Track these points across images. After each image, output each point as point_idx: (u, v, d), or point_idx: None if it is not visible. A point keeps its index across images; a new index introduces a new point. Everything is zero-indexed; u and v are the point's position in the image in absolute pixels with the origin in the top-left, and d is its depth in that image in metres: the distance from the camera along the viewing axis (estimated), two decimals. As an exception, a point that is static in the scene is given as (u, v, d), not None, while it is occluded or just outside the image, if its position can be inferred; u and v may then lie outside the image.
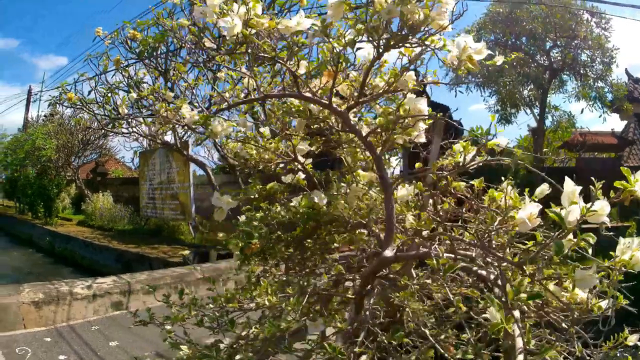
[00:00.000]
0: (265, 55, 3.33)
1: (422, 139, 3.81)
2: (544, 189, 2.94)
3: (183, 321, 3.97)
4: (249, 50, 3.33)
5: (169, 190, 26.11)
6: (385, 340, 3.18)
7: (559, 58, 33.59)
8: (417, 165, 3.86)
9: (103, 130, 27.01)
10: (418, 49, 3.15)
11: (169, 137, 24.99)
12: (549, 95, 36.13)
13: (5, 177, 48.42)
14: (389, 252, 3.40)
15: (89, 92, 17.14)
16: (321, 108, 3.82)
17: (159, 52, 16.50)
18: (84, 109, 18.51)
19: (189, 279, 12.20)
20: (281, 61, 3.38)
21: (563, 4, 30.60)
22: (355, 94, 3.55)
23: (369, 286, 3.71)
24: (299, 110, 3.92)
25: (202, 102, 19.44)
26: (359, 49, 3.27)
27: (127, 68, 16.94)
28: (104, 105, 17.93)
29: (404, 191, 3.80)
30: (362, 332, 3.19)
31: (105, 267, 22.64)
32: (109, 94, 17.68)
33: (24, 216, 40.50)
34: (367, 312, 3.46)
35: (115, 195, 35.63)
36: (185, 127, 16.46)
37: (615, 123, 42.87)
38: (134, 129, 21.42)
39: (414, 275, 3.75)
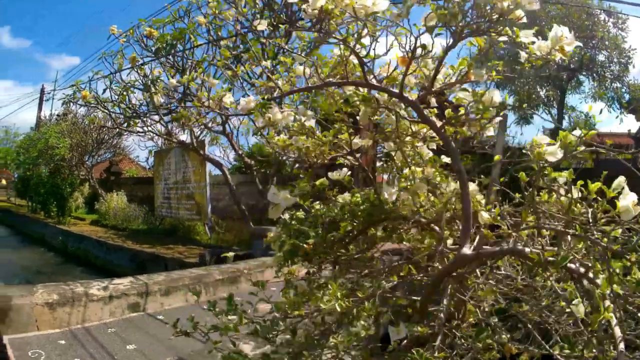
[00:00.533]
0: (337, 37, 3.28)
1: (491, 132, 3.61)
2: (621, 181, 2.92)
3: (236, 331, 3.73)
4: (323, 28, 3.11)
5: (185, 190, 25.95)
6: (464, 343, 3.21)
7: (576, 58, 33.25)
8: (496, 158, 3.94)
9: (118, 129, 26.87)
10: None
11: (184, 137, 24.81)
12: (566, 96, 35.98)
13: (17, 176, 48.64)
14: (467, 250, 3.28)
15: (104, 91, 17.24)
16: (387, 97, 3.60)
17: (176, 50, 16.19)
18: (98, 107, 18.33)
19: (208, 280, 11.83)
20: (348, 44, 3.29)
21: (580, 4, 30.32)
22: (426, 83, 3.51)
23: (441, 286, 3.59)
24: (365, 98, 3.80)
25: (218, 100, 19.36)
26: (438, 34, 3.14)
27: (142, 66, 16.85)
28: (119, 103, 17.72)
29: (473, 186, 3.68)
30: (439, 335, 3.13)
31: (120, 267, 22.49)
32: (125, 93, 17.49)
33: (37, 215, 40.39)
34: (442, 314, 3.36)
35: (129, 195, 35.47)
36: (202, 126, 16.28)
37: (631, 124, 42.73)
38: (149, 128, 21.25)
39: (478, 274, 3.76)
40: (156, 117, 19.79)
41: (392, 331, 3.15)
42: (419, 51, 3.17)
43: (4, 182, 71.91)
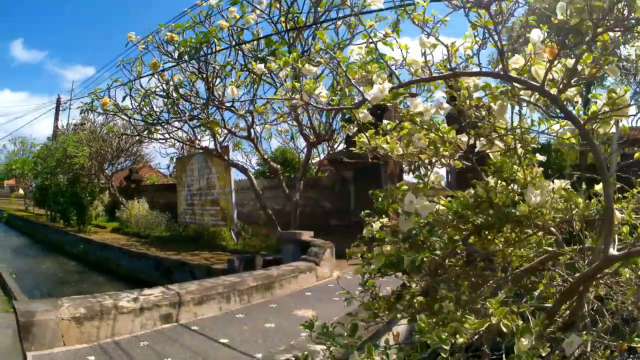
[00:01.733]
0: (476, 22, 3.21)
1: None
2: None
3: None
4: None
5: (209, 196, 25.65)
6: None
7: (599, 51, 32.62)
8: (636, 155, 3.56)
9: (138, 137, 26.62)
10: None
11: (206, 142, 24.46)
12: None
13: (35, 186, 48.40)
14: (613, 251, 3.03)
15: (124, 98, 17.07)
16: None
17: (200, 54, 15.80)
18: (118, 115, 17.98)
19: (241, 288, 11.35)
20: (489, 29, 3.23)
21: (604, -5, 29.71)
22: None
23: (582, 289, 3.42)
24: (510, 92, 3.47)
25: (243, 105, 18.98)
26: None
27: (163, 72, 16.90)
28: (140, 110, 17.35)
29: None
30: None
31: (143, 274, 22.10)
32: (146, 99, 17.11)
33: (56, 224, 39.99)
34: (588, 320, 3.30)
35: (150, 202, 35.20)
36: (227, 132, 15.76)
37: (652, 119, 42.25)
38: (171, 135, 20.89)
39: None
40: (177, 124, 19.52)
41: (566, 344, 2.90)
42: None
43: (21, 191, 72.22)
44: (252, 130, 19.88)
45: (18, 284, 15.99)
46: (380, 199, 4.25)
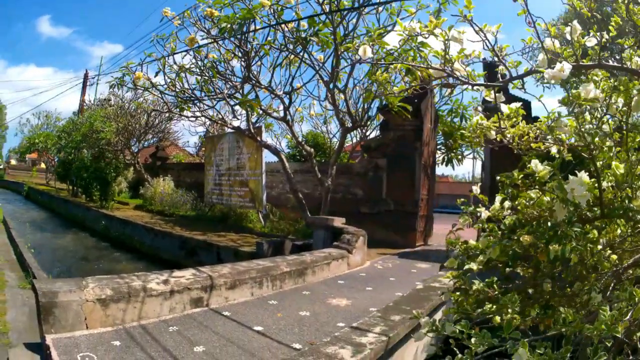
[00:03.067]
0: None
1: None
2: None
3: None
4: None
5: (238, 177, 25.39)
6: None
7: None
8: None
9: (168, 114, 26.36)
10: None
11: (237, 122, 24.11)
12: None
13: (58, 160, 48.39)
14: None
15: (156, 74, 16.99)
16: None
17: (244, 31, 15.41)
18: (149, 90, 17.70)
19: (275, 273, 10.97)
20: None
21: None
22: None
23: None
24: None
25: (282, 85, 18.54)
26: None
27: (199, 49, 16.81)
28: (172, 87, 17.09)
29: None
30: None
31: (167, 253, 21.85)
32: (181, 75, 16.86)
33: (78, 199, 40.12)
34: None
35: (176, 180, 35.14)
36: (263, 112, 15.36)
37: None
38: (203, 113, 20.55)
39: None
40: (209, 102, 19.20)
41: None
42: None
43: (43, 165, 72.50)
44: (287, 112, 19.43)
45: (36, 259, 15.60)
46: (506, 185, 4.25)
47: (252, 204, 24.92)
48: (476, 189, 5.24)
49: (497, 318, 3.74)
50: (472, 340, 3.37)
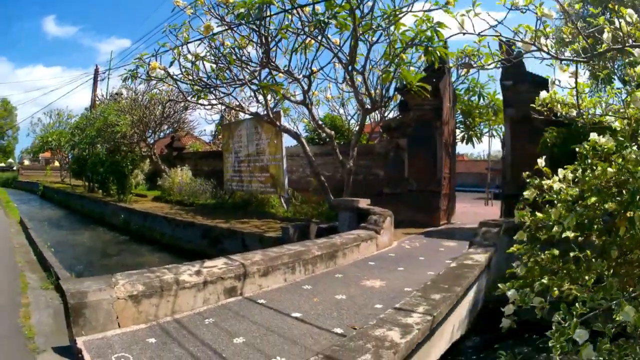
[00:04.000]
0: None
1: None
2: None
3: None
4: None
5: (258, 162, 25.32)
6: None
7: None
8: None
9: (184, 103, 26.34)
10: None
11: (253, 109, 24.00)
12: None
13: (72, 157, 48.62)
14: None
15: (171, 63, 16.86)
16: None
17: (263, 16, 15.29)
18: (164, 81, 17.64)
19: (306, 257, 10.77)
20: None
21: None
22: None
23: None
24: None
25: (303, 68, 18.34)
26: None
27: (214, 37, 16.80)
28: (187, 75, 16.99)
29: None
30: None
31: (189, 244, 21.80)
32: (197, 63, 17.25)
33: (94, 194, 40.19)
34: None
35: (193, 170, 35.07)
36: (282, 97, 15.29)
37: None
38: (220, 100, 20.42)
39: None
40: (225, 89, 19.08)
41: None
42: None
43: (57, 163, 72.82)
44: (307, 96, 19.25)
45: (57, 258, 15.46)
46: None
47: (273, 189, 24.88)
48: (541, 162, 5.21)
49: (556, 291, 4.10)
50: (578, 302, 3.47)
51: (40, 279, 13.56)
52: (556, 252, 4.34)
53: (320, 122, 21.02)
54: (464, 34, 4.29)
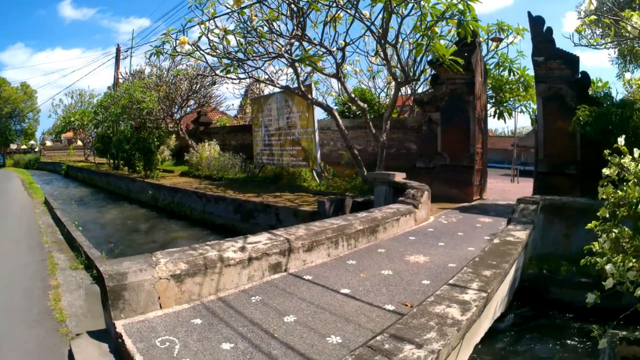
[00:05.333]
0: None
1: None
2: None
3: None
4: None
5: (289, 136, 25.13)
6: None
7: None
8: None
9: (213, 77, 26.21)
10: None
11: (281, 82, 23.82)
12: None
13: (96, 135, 48.92)
14: None
15: (199, 38, 16.71)
16: None
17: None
18: (192, 55, 17.55)
19: (349, 232, 10.57)
20: None
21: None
22: None
23: None
24: None
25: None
26: None
27: (243, 10, 16.52)
28: (215, 49, 16.83)
29: None
30: None
31: (221, 219, 21.79)
32: (227, 37, 17.21)
33: (120, 171, 40.30)
34: None
35: (221, 144, 34.97)
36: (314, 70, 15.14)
37: None
38: (249, 74, 20.27)
39: None
40: (251, 63, 18.96)
41: None
42: None
43: (80, 143, 73.27)
44: (339, 69, 19.06)
45: (85, 237, 15.35)
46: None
47: (305, 163, 24.74)
48: (621, 141, 4.92)
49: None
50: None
51: (69, 259, 13.43)
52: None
53: (353, 95, 20.80)
54: None
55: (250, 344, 5.51)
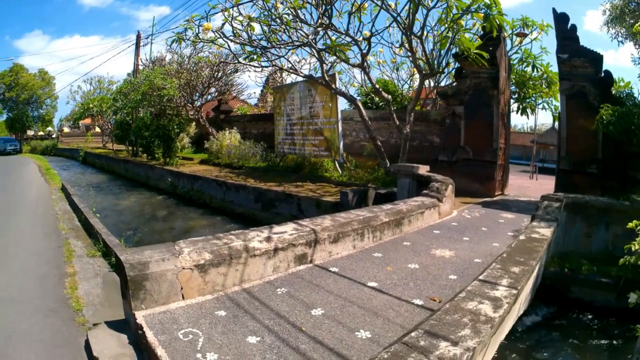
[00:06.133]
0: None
1: None
2: None
3: None
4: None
5: (312, 126, 24.98)
6: None
7: None
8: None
9: (234, 65, 26.17)
10: None
11: (306, 70, 23.71)
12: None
13: (114, 122, 49.25)
14: None
15: (223, 25, 16.67)
16: None
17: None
18: (215, 42, 17.46)
19: (375, 224, 10.45)
20: None
21: None
22: None
23: None
24: None
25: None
26: None
27: None
28: (244, 36, 16.79)
29: None
30: None
31: (241, 208, 21.72)
32: (252, 24, 17.06)
33: (139, 158, 40.47)
34: None
35: (242, 133, 34.94)
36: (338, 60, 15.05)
37: None
38: (273, 62, 20.19)
39: None
40: (274, 51, 18.90)
41: None
42: None
43: (98, 129, 73.67)
44: (365, 59, 18.96)
45: (103, 223, 15.31)
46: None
47: (327, 153, 24.62)
48: None
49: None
50: None
51: (86, 246, 13.37)
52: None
53: (377, 87, 20.71)
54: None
55: (277, 338, 5.35)
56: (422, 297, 6.94)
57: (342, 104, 24.27)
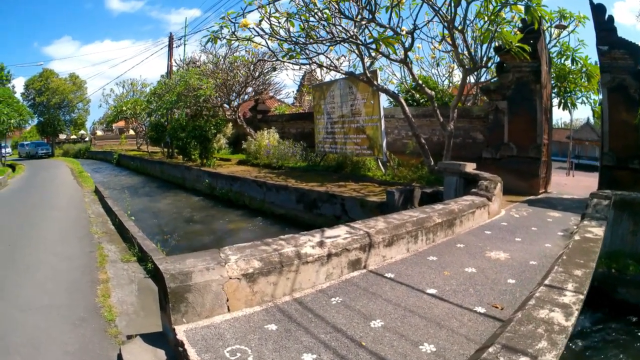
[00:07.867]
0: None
1: None
2: None
3: None
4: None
5: (353, 124, 24.73)
6: None
7: None
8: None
9: (272, 64, 26.05)
10: None
11: (345, 68, 23.51)
12: None
13: (149, 124, 49.67)
14: None
15: (260, 21, 16.41)
16: None
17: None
18: (252, 40, 17.31)
19: (428, 225, 10.04)
20: None
21: None
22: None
23: None
24: None
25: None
26: None
27: None
28: (285, 33, 16.76)
29: None
30: None
31: (282, 209, 21.49)
32: (290, 20, 16.80)
33: (174, 160, 40.57)
34: None
35: (280, 132, 34.69)
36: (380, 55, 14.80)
37: None
38: (312, 60, 19.98)
39: None
40: (311, 48, 18.71)
41: None
42: None
43: (132, 132, 74.34)
44: (407, 54, 18.71)
45: (139, 227, 15.14)
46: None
47: (369, 151, 24.33)
48: None
49: None
50: None
51: (120, 250, 13.14)
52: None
53: (410, 83, 20.49)
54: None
55: (336, 355, 4.86)
56: (484, 304, 6.51)
57: (382, 101, 24.06)
